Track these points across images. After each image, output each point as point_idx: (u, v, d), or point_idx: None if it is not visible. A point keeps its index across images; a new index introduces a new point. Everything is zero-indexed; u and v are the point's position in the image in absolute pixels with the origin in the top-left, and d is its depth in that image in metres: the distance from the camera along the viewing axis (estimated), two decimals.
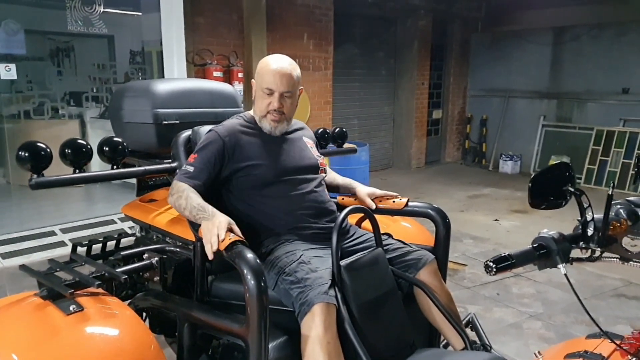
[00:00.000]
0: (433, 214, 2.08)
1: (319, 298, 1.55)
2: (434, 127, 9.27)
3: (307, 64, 6.70)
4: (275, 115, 1.93)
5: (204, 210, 1.66)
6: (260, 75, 1.93)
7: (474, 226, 5.38)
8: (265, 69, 1.92)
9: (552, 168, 1.13)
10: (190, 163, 1.86)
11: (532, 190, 1.08)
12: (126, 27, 7.83)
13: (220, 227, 1.55)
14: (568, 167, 1.12)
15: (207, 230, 1.58)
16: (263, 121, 1.96)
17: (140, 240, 2.35)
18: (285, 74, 1.90)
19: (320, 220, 1.91)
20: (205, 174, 1.84)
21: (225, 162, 1.88)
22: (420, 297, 1.92)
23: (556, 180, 1.11)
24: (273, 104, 1.91)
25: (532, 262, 1.03)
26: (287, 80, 1.90)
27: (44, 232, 4.72)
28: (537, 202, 1.11)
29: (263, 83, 1.91)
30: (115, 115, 2.28)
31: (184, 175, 1.82)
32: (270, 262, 1.76)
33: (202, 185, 1.82)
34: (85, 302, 1.50)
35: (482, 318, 3.28)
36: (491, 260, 0.99)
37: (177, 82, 2.37)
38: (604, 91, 7.62)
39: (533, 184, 1.09)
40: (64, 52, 8.86)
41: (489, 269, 0.99)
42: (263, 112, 1.94)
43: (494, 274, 0.98)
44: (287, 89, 1.91)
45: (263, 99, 1.93)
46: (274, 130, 1.97)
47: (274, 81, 1.89)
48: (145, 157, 2.20)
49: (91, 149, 1.76)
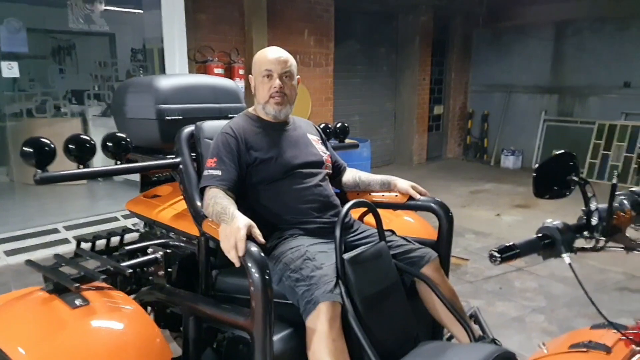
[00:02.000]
0: (436, 207, 2.08)
1: (324, 297, 1.55)
2: (435, 122, 9.26)
3: (308, 60, 6.70)
4: (278, 98, 1.92)
5: (224, 212, 1.61)
6: (258, 65, 1.95)
7: (476, 221, 5.38)
8: (262, 57, 1.95)
9: (556, 157, 1.13)
10: (213, 167, 1.82)
11: (537, 180, 1.09)
12: (127, 25, 7.84)
13: (238, 239, 1.47)
14: (572, 157, 1.12)
15: (223, 236, 1.52)
16: (267, 107, 1.95)
17: (145, 236, 2.36)
18: (281, 58, 1.93)
19: (325, 215, 1.92)
20: (234, 174, 1.82)
21: (242, 158, 1.87)
22: (423, 291, 1.93)
23: (560, 170, 1.11)
24: (274, 85, 1.91)
25: (536, 251, 1.04)
26: (284, 62, 1.93)
27: (47, 230, 4.74)
28: (541, 192, 1.11)
29: (262, 67, 1.92)
30: (118, 111, 2.28)
31: (214, 180, 1.78)
32: (275, 258, 1.77)
33: (234, 186, 1.80)
34: (90, 296, 1.51)
35: (485, 312, 3.28)
36: (495, 250, 1.00)
37: (180, 78, 2.37)
38: (605, 85, 7.60)
39: (537, 174, 1.09)
40: (66, 50, 8.88)
41: (493, 259, 0.99)
42: (265, 97, 1.93)
43: (499, 264, 0.98)
44: (286, 69, 1.92)
45: (263, 84, 1.93)
46: (279, 113, 1.96)
47: (271, 63, 1.91)
48: (149, 153, 2.20)
49: (95, 145, 1.77)
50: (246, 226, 1.51)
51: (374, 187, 2.20)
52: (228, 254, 1.49)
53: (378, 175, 2.25)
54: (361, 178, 2.23)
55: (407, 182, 2.16)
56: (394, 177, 2.20)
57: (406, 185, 2.13)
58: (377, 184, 2.20)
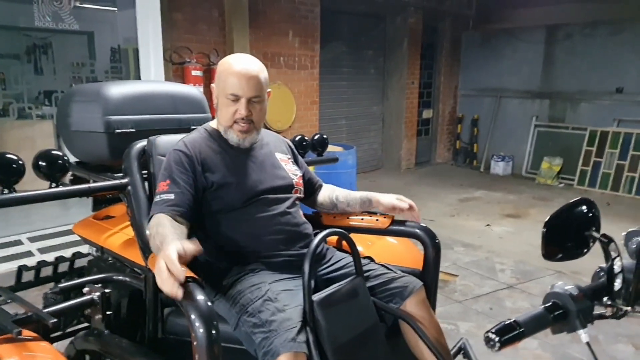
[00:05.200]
0: (421, 234, 1.85)
1: (285, 347, 1.30)
2: (424, 127, 9.05)
3: (292, 63, 6.45)
4: (242, 125, 1.66)
5: (160, 248, 1.33)
6: (222, 79, 1.65)
7: (465, 232, 5.16)
8: (228, 71, 1.64)
9: (570, 207, 0.88)
10: (165, 191, 1.55)
11: (547, 237, 0.84)
12: (106, 24, 7.54)
13: (169, 263, 1.18)
14: (590, 205, 0.88)
15: (157, 269, 1.22)
16: (229, 132, 1.69)
17: (95, 263, 2.10)
18: (251, 77, 1.63)
19: (292, 247, 1.66)
20: (188, 198, 1.55)
21: (198, 180, 1.61)
22: (406, 330, 1.69)
23: (576, 222, 0.87)
24: (240, 112, 1.63)
25: (545, 327, 0.80)
26: (255, 84, 1.63)
27: (9, 242, 4.44)
28: (551, 252, 0.87)
29: (227, 88, 1.63)
30: (62, 122, 2.01)
31: (165, 205, 1.51)
32: (232, 298, 1.51)
33: (188, 211, 1.54)
34: (3, 352, 1.25)
35: (474, 336, 3.06)
36: (493, 332, 0.75)
37: (134, 85, 2.10)
38: (597, 91, 7.43)
39: (548, 230, 0.85)
40: (42, 48, 8.53)
41: (491, 343, 0.75)
42: (228, 122, 1.67)
43: (498, 350, 0.74)
44: (255, 93, 1.64)
45: (227, 106, 1.65)
46: (242, 141, 1.70)
47: (239, 85, 1.61)
48: (96, 170, 1.94)
49: (23, 165, 1.51)
50: (176, 247, 1.23)
51: (353, 207, 1.93)
52: (162, 286, 1.19)
53: (357, 192, 1.97)
54: (339, 198, 1.95)
55: (391, 196, 1.89)
56: (375, 194, 1.91)
57: (390, 200, 1.86)
58: (357, 203, 1.92)
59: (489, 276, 4.03)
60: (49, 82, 7.28)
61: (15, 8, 5.70)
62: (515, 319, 0.79)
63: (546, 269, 4.08)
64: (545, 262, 0.87)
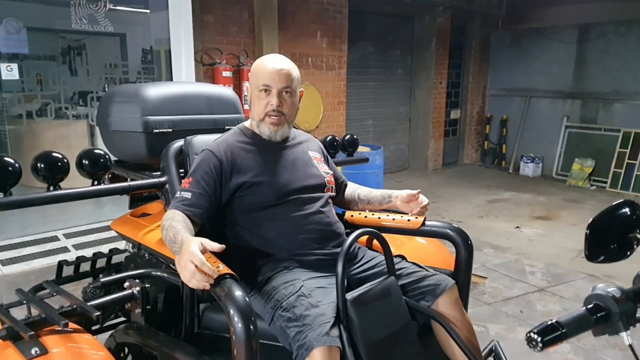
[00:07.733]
0: (453, 235, 1.84)
1: (319, 341, 1.32)
2: (451, 127, 8.98)
3: (320, 63, 6.48)
4: (274, 117, 1.71)
5: (174, 241, 1.41)
6: (255, 75, 1.72)
7: (494, 234, 5.11)
8: (261, 67, 1.71)
9: (614, 209, 0.88)
10: (186, 189, 1.61)
11: (590, 239, 0.84)
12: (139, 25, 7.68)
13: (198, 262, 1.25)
14: (634, 207, 0.88)
15: (180, 268, 1.30)
16: (261, 125, 1.74)
17: (132, 259, 2.15)
18: (282, 69, 1.70)
19: (326, 246, 1.68)
20: (206, 200, 1.61)
21: (224, 184, 1.66)
22: (438, 330, 1.69)
23: (619, 225, 0.87)
24: (272, 103, 1.69)
25: (587, 329, 0.80)
26: (286, 75, 1.70)
27: (46, 238, 4.58)
28: (594, 253, 0.87)
29: (259, 80, 1.70)
30: (102, 122, 2.08)
31: (180, 203, 1.58)
32: (266, 294, 1.54)
33: (204, 214, 1.59)
34: (51, 343, 1.30)
35: (505, 339, 3.04)
36: (535, 332, 0.76)
37: (171, 86, 2.16)
38: (631, 91, 7.24)
39: (591, 231, 0.85)
40: (76, 50, 8.74)
41: (533, 343, 0.75)
42: (261, 114, 1.72)
43: (540, 350, 0.75)
44: (286, 84, 1.70)
45: (260, 99, 1.71)
46: (274, 134, 1.75)
47: (270, 77, 1.68)
48: (135, 169, 2.00)
49: (67, 163, 1.57)
50: (198, 244, 1.30)
51: (373, 204, 2.00)
52: (190, 283, 1.28)
53: (377, 190, 2.05)
54: (360, 196, 2.03)
55: (405, 190, 1.94)
56: (393, 190, 1.98)
57: (405, 191, 1.93)
58: (377, 200, 1.99)
59: (519, 278, 3.98)
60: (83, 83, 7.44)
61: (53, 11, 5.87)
62: (557, 319, 0.79)
63: (578, 272, 4.01)
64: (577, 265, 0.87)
